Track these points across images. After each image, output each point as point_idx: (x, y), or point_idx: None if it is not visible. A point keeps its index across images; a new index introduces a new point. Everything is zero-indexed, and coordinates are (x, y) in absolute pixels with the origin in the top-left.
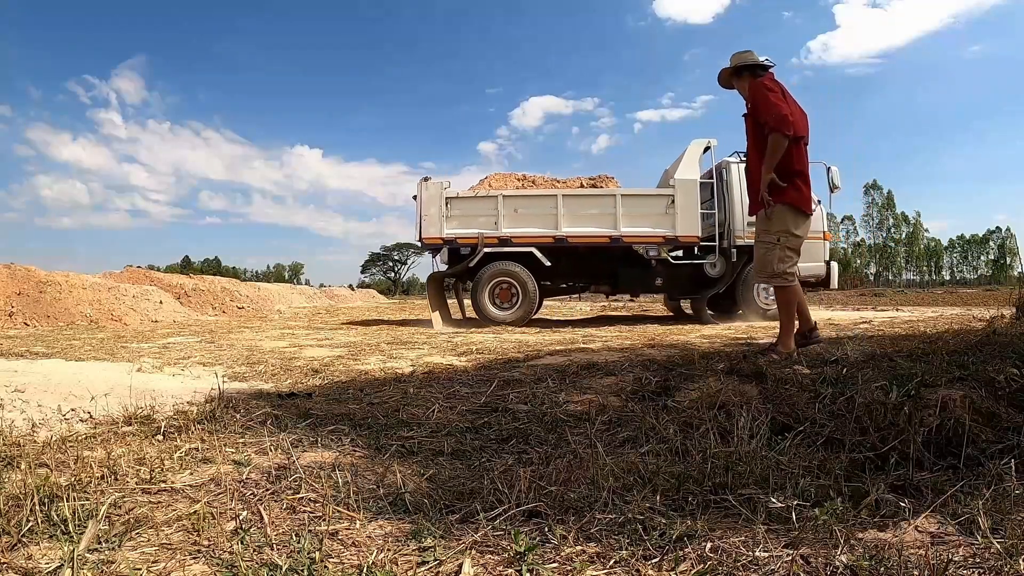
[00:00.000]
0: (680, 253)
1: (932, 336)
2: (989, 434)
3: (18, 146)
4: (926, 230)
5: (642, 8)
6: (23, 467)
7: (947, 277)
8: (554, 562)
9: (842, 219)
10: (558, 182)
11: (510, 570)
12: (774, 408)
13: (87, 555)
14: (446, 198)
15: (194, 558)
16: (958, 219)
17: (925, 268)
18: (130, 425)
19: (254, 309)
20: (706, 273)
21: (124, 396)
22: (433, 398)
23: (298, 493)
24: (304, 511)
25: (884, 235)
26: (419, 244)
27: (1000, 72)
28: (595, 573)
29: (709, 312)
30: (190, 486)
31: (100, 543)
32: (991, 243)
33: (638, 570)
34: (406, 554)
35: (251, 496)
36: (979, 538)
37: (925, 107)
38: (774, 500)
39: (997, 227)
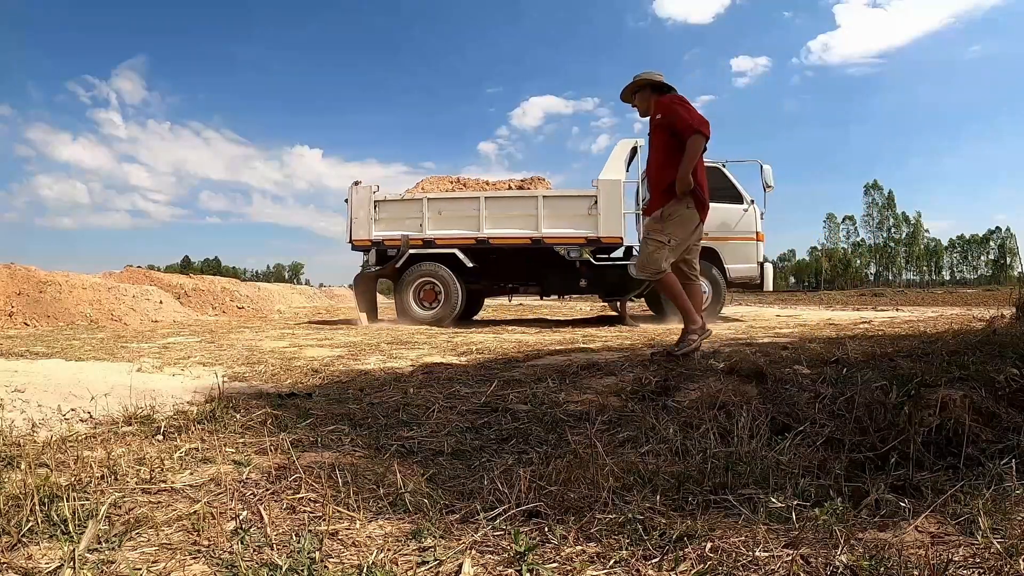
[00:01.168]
0: (620, 254)
1: (932, 336)
2: (989, 434)
3: (18, 146)
4: (926, 230)
5: (642, 8)
6: (23, 467)
7: (947, 277)
8: (554, 562)
9: (843, 219)
10: (488, 184)
11: (510, 570)
12: (774, 408)
13: (87, 555)
14: (375, 201)
15: (194, 558)
16: (958, 219)
17: (925, 268)
18: (130, 425)
19: (254, 309)
20: (631, 274)
21: (124, 396)
22: (433, 398)
23: (298, 493)
24: (304, 511)
25: (884, 235)
26: (349, 245)
27: (1000, 72)
28: (595, 573)
29: (630, 316)
30: (190, 486)
31: (100, 543)
32: (991, 243)
33: (638, 570)
34: (406, 554)
35: (251, 496)
36: (979, 538)
37: (925, 107)
38: (774, 500)
39: (997, 227)
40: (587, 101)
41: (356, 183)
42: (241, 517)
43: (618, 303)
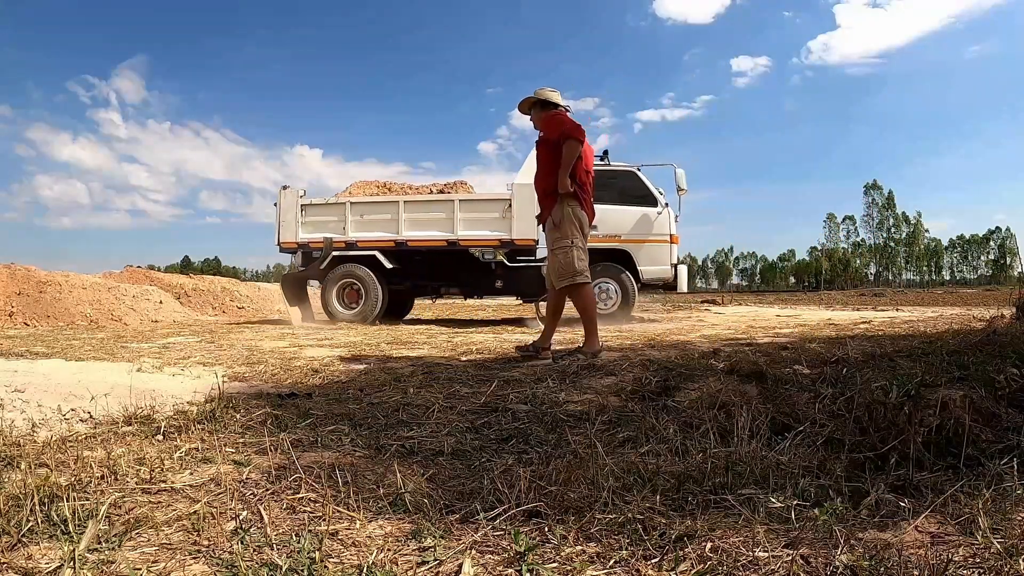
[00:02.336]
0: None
1: (932, 336)
2: (989, 434)
3: (18, 146)
4: (926, 230)
5: (642, 8)
6: (23, 467)
7: (947, 277)
8: (554, 562)
9: (843, 219)
10: (411, 188)
11: (510, 570)
12: (774, 408)
13: (87, 555)
14: (301, 205)
15: (194, 558)
16: (958, 219)
17: (925, 268)
18: (130, 425)
19: (254, 309)
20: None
21: (124, 396)
22: (433, 398)
23: (298, 493)
24: (304, 511)
25: (884, 235)
26: (277, 247)
27: (1000, 72)
28: (595, 573)
29: (537, 315)
30: (190, 486)
31: (100, 543)
32: (991, 243)
33: (638, 570)
34: (406, 554)
35: (251, 496)
36: (979, 538)
37: (925, 107)
38: (774, 500)
39: (997, 227)
40: (587, 101)
41: (284, 187)
42: (241, 517)
43: (534, 304)
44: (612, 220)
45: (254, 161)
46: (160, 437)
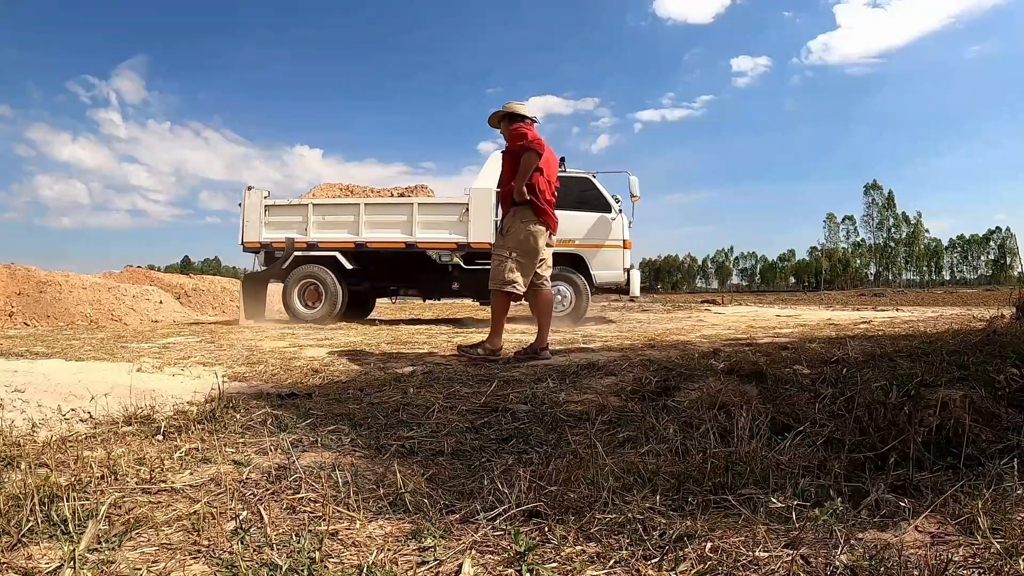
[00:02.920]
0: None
1: (932, 336)
2: (989, 434)
3: (18, 146)
4: (926, 230)
5: (642, 8)
6: (23, 467)
7: (947, 277)
8: (554, 562)
9: (843, 219)
10: (372, 192)
11: (510, 570)
12: (774, 408)
13: (87, 555)
14: (265, 205)
15: (194, 558)
16: (958, 219)
17: (925, 268)
18: (130, 425)
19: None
20: None
21: (124, 396)
22: (433, 398)
23: (298, 493)
24: (304, 511)
25: (884, 235)
26: (241, 247)
27: (1000, 72)
28: (595, 573)
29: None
30: (190, 486)
31: (100, 543)
32: (991, 243)
33: (638, 570)
34: (406, 554)
35: (251, 496)
36: (979, 538)
37: (925, 107)
38: (774, 500)
39: (997, 227)
40: (587, 101)
41: (249, 188)
42: (241, 517)
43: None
44: (567, 225)
45: (254, 161)
46: (160, 437)
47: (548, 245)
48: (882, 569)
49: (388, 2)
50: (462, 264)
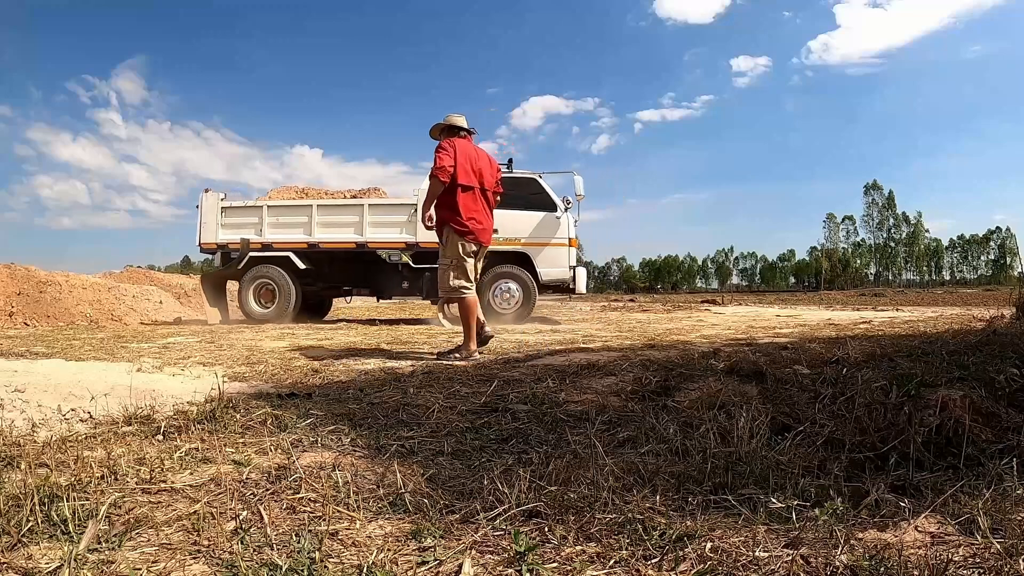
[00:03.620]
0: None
1: (932, 336)
2: (989, 434)
3: (18, 146)
4: (926, 230)
5: (642, 8)
6: (23, 467)
7: (947, 277)
8: (554, 562)
9: (843, 219)
10: (326, 194)
11: (510, 570)
12: (774, 408)
13: (87, 555)
14: (222, 208)
15: (194, 558)
16: (958, 219)
17: (925, 268)
18: (130, 425)
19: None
20: None
21: (124, 396)
22: (433, 398)
23: (298, 493)
24: (304, 511)
25: (884, 235)
26: (198, 248)
27: (1000, 72)
28: (595, 573)
29: (441, 315)
30: (190, 486)
31: (100, 543)
32: (991, 243)
33: (638, 570)
34: (406, 554)
35: (251, 496)
36: (979, 538)
37: (925, 107)
38: (774, 500)
39: (997, 227)
40: (587, 101)
41: (206, 190)
42: (241, 517)
43: (438, 304)
44: (513, 224)
45: (254, 161)
46: (160, 437)
47: (474, 253)
48: (882, 569)
49: (388, 2)
50: (411, 263)
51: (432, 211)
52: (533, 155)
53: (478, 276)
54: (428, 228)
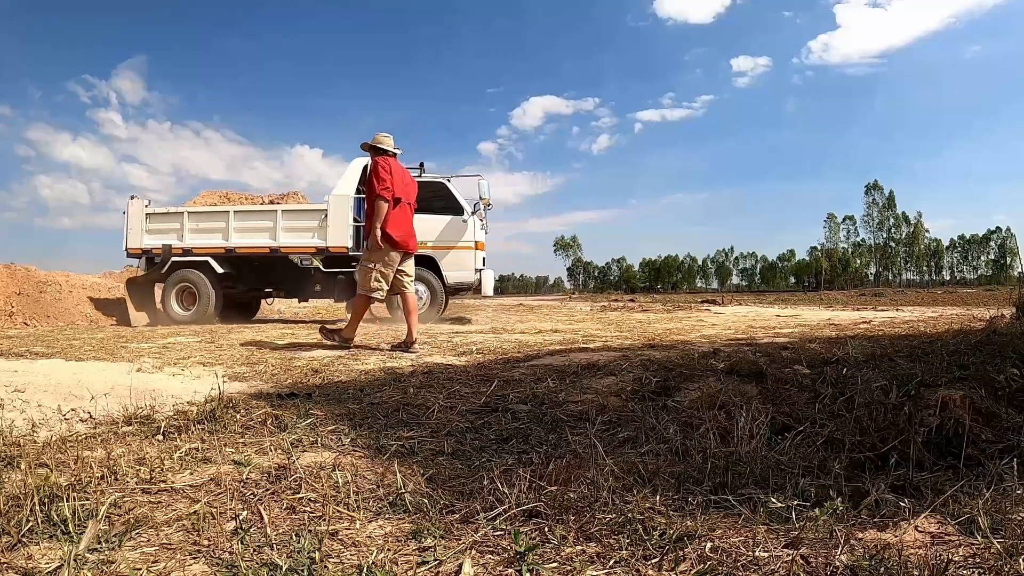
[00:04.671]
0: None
1: (932, 336)
2: (989, 434)
3: (18, 146)
4: (926, 230)
5: (642, 8)
6: (23, 467)
7: (947, 277)
8: (554, 562)
9: (843, 219)
10: (247, 199)
11: (510, 570)
12: (774, 408)
13: (87, 555)
14: (146, 213)
15: (194, 558)
16: (958, 219)
17: (925, 268)
18: (130, 425)
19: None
20: (356, 280)
21: (124, 396)
22: (433, 398)
23: (298, 493)
24: (304, 511)
25: (884, 235)
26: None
27: (1000, 72)
28: (595, 573)
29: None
30: (190, 486)
31: (100, 543)
32: (991, 243)
33: (638, 570)
34: (406, 554)
35: (251, 496)
36: (979, 538)
37: (926, 107)
38: (774, 500)
39: (997, 227)
40: (587, 101)
41: (132, 197)
42: (241, 517)
43: (346, 305)
44: (421, 228)
45: (254, 161)
46: (160, 437)
47: (398, 261)
48: (882, 569)
49: (388, 3)
50: (321, 267)
51: (378, 227)
52: (533, 155)
53: (412, 276)
54: (379, 248)
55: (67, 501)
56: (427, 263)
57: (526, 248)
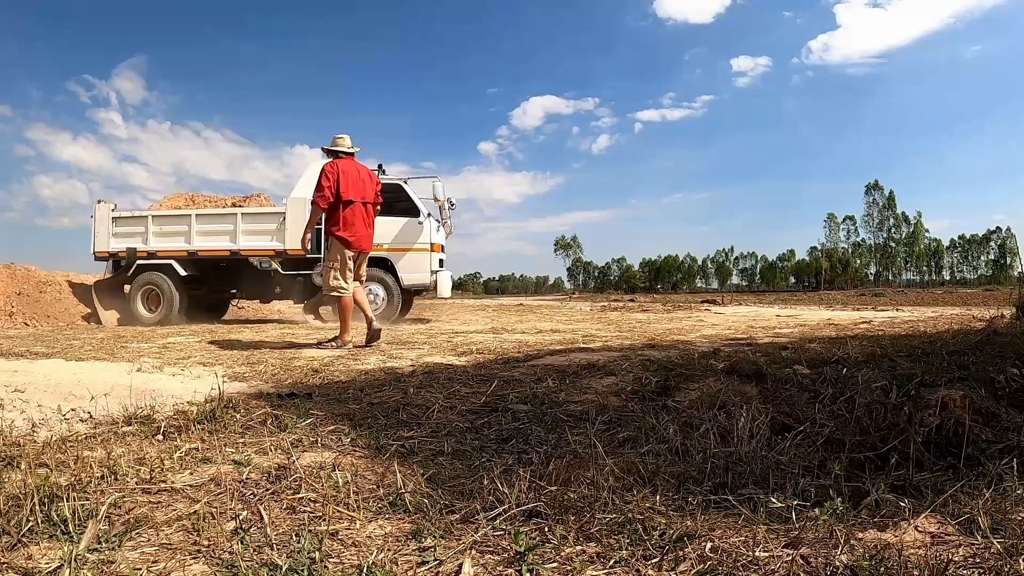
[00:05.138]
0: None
1: (932, 336)
2: (989, 434)
3: (18, 146)
4: (926, 230)
5: (642, 8)
6: (23, 467)
7: (947, 277)
8: (554, 562)
9: (843, 219)
10: (209, 201)
11: (510, 570)
12: (774, 408)
13: (87, 555)
14: (112, 218)
15: (194, 558)
16: (958, 219)
17: (925, 268)
18: (130, 425)
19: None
20: (314, 282)
21: (124, 396)
22: (433, 398)
23: (298, 493)
24: (304, 511)
25: (884, 235)
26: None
27: (1000, 72)
28: (595, 573)
29: (311, 315)
30: (190, 486)
31: (100, 543)
32: (991, 243)
33: (638, 570)
34: (406, 554)
35: (251, 496)
36: (979, 538)
37: (926, 107)
38: (774, 500)
39: (997, 227)
40: (587, 101)
41: (99, 201)
42: (241, 517)
43: (303, 306)
44: (377, 230)
45: (254, 161)
46: (160, 437)
47: (354, 259)
48: (882, 569)
49: (388, 2)
50: (280, 270)
51: (310, 234)
52: (533, 155)
53: (362, 278)
54: (307, 251)
55: (67, 501)
56: (383, 265)
57: (526, 248)
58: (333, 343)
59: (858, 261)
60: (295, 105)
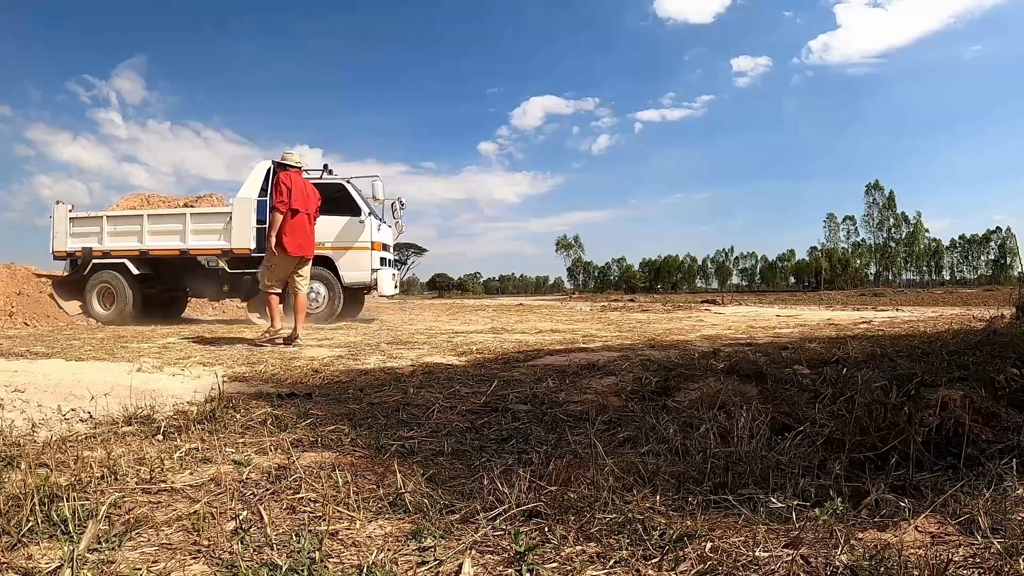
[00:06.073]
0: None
1: (932, 336)
2: (989, 434)
3: (18, 146)
4: (926, 230)
5: (642, 8)
6: (23, 467)
7: (947, 277)
8: (554, 562)
9: (843, 219)
10: (162, 201)
11: (510, 570)
12: (774, 408)
13: (87, 555)
14: (70, 218)
15: (194, 558)
16: (958, 219)
17: (925, 268)
18: (130, 425)
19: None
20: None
21: (124, 396)
22: (433, 398)
23: (298, 493)
24: (304, 511)
25: (884, 235)
26: (52, 256)
27: (1000, 72)
28: (595, 573)
29: (255, 314)
30: (190, 486)
31: (100, 543)
32: (991, 243)
33: (638, 570)
34: (406, 554)
35: (251, 496)
36: (979, 538)
37: (926, 107)
38: (774, 500)
39: (997, 227)
40: (587, 101)
41: (57, 202)
42: (241, 517)
43: (246, 304)
44: (319, 229)
45: (254, 161)
46: (160, 437)
47: (294, 263)
48: (882, 569)
49: (388, 2)
50: (227, 268)
51: (272, 237)
52: (533, 155)
53: (307, 279)
54: (274, 255)
55: (67, 501)
56: (325, 263)
57: (526, 248)
58: (266, 334)
59: (858, 261)
60: (295, 105)
